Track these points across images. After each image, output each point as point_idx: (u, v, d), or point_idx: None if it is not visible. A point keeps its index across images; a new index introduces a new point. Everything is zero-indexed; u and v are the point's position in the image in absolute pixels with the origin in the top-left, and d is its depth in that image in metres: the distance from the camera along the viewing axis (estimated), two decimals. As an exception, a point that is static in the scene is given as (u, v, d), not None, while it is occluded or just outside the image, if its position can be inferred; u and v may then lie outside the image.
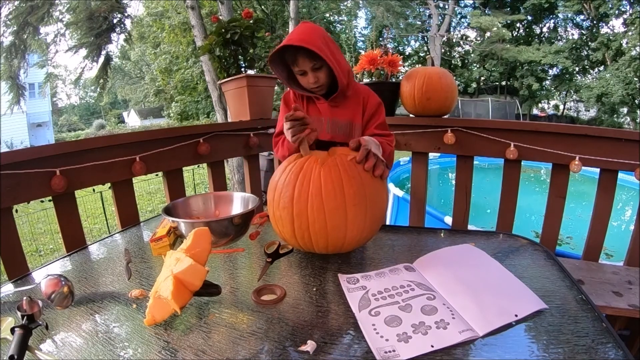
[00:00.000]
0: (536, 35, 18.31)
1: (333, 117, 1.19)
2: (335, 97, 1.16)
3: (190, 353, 0.60)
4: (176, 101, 19.71)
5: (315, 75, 1.10)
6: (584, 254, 1.65)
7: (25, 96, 7.11)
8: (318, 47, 1.02)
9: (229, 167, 5.08)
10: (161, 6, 13.32)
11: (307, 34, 1.04)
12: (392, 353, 0.57)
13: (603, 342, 0.59)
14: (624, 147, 1.48)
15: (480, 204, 4.78)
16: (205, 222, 0.92)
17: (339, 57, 1.09)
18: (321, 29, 1.10)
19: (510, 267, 0.83)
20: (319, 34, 1.06)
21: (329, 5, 16.73)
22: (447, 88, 1.73)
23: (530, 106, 18.09)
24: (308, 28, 1.08)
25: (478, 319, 0.64)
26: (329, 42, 1.08)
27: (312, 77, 1.10)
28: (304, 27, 1.08)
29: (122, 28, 5.86)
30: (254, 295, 0.76)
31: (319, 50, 1.01)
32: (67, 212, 1.37)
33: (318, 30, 1.08)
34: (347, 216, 0.82)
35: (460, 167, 1.82)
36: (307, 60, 1.07)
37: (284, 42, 1.05)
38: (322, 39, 1.05)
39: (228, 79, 1.93)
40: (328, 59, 1.03)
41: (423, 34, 18.08)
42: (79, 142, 1.37)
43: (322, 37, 1.06)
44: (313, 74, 1.10)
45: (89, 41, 5.57)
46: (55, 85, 25.04)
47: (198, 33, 5.05)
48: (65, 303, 0.73)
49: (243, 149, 1.89)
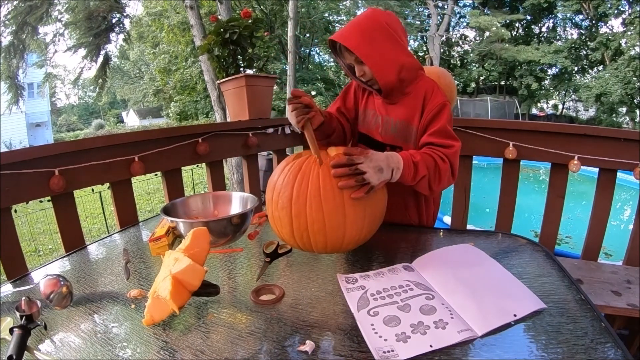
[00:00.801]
0: (535, 35, 18.34)
1: (386, 115, 1.11)
2: (389, 94, 1.07)
3: (189, 353, 0.60)
4: (175, 101, 19.70)
5: (361, 68, 1.04)
6: (583, 254, 1.65)
7: (24, 96, 7.11)
8: (354, 42, 0.97)
9: (227, 167, 5.07)
10: (160, 6, 13.32)
11: (350, 27, 1.00)
12: (391, 353, 0.57)
13: (602, 342, 0.59)
14: (623, 146, 1.49)
15: (480, 203, 4.79)
16: (204, 222, 0.91)
17: (386, 52, 0.99)
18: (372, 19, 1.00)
19: (509, 266, 0.83)
20: (362, 27, 0.99)
21: (328, 5, 16.73)
22: (446, 88, 1.72)
23: (529, 106, 18.10)
24: (359, 19, 1.01)
25: (477, 318, 0.64)
26: (376, 35, 0.98)
27: (358, 70, 1.05)
28: (358, 17, 1.03)
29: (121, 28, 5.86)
30: (253, 295, 0.76)
31: (353, 46, 0.97)
32: (66, 212, 1.36)
33: (367, 20, 1.00)
34: (346, 216, 0.82)
35: (460, 167, 1.82)
36: (348, 54, 1.03)
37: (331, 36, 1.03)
38: (364, 32, 0.98)
39: (227, 79, 1.92)
40: (363, 54, 0.97)
41: (422, 34, 18.07)
42: (78, 142, 1.37)
43: (365, 29, 0.98)
44: (358, 67, 1.05)
45: (88, 41, 5.56)
46: (54, 85, 25.01)
47: (197, 33, 5.04)
48: (64, 303, 0.73)
49: (242, 149, 1.89)
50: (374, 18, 1.00)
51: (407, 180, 0.90)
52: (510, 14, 16.83)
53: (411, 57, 1.04)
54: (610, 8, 14.67)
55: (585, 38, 16.38)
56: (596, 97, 14.55)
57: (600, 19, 15.73)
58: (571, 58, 15.86)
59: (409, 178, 0.90)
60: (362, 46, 0.97)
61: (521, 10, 16.87)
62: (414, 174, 0.90)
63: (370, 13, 1.02)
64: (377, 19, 1.00)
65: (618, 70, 13.71)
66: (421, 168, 0.91)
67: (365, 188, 0.81)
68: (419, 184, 0.93)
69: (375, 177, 0.81)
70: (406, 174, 0.89)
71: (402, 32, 1.03)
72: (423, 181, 0.93)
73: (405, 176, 0.89)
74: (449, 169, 0.96)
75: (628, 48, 13.83)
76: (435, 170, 0.94)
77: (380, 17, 1.00)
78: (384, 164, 0.83)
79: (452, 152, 0.98)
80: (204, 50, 1.97)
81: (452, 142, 0.99)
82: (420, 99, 1.05)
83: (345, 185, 0.80)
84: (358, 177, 0.80)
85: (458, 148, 0.99)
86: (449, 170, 0.96)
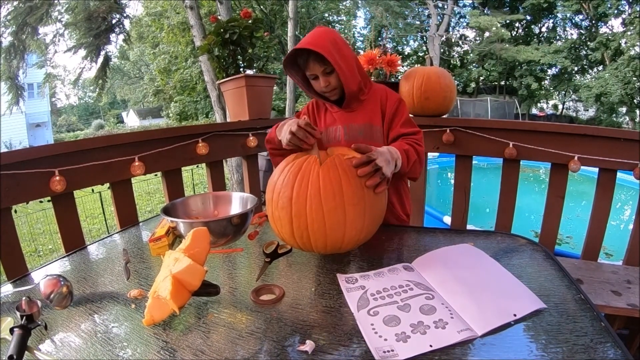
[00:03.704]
0: (535, 35, 18.33)
1: (349, 123, 1.16)
2: (349, 103, 1.14)
3: (189, 353, 0.60)
4: (175, 101, 19.71)
5: (326, 79, 1.09)
6: (583, 254, 1.65)
7: (24, 96, 7.11)
8: (326, 51, 1.01)
9: (227, 167, 5.07)
10: (160, 6, 13.30)
11: (317, 38, 1.04)
12: (391, 353, 0.57)
13: (602, 342, 0.59)
14: (622, 146, 1.49)
15: (479, 203, 4.79)
16: (204, 222, 0.91)
17: (350, 62, 1.07)
18: (334, 32, 1.09)
19: (509, 266, 0.83)
20: (329, 38, 1.05)
21: (328, 5, 16.73)
22: (446, 88, 1.74)
23: (529, 106, 18.10)
24: (319, 32, 1.07)
25: (477, 318, 0.64)
26: (341, 46, 1.06)
27: (323, 80, 1.09)
28: (315, 31, 1.08)
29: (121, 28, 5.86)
30: (253, 295, 0.76)
31: (327, 54, 1.01)
32: (66, 213, 1.37)
33: (329, 34, 1.07)
34: (346, 216, 0.82)
35: (459, 167, 1.82)
36: (318, 65, 1.07)
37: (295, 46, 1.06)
38: (332, 42, 1.04)
39: (227, 79, 1.92)
40: (335, 62, 1.03)
41: (422, 34, 18.08)
42: (78, 142, 1.37)
43: (332, 40, 1.04)
44: (324, 77, 1.09)
45: (88, 41, 5.57)
46: (54, 85, 24.97)
47: (197, 33, 5.04)
48: (64, 303, 0.73)
49: (242, 149, 1.89)
50: (330, 30, 1.08)
51: (404, 166, 0.97)
52: (510, 14, 16.82)
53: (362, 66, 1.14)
54: (610, 8, 14.67)
55: (585, 38, 16.38)
56: (596, 97, 14.54)
57: (600, 19, 15.73)
58: (571, 58, 15.86)
59: (405, 165, 0.98)
60: (334, 54, 1.03)
61: (521, 10, 16.86)
62: (407, 161, 0.99)
63: (324, 29, 1.09)
64: (333, 32, 1.09)
65: (618, 70, 13.70)
66: (411, 154, 1.01)
67: (385, 181, 0.86)
68: (412, 169, 1.03)
69: (388, 169, 0.86)
70: (403, 161, 0.96)
71: None
72: (415, 165, 1.03)
73: (404, 163, 0.97)
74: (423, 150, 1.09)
75: (628, 48, 13.83)
76: (418, 154, 1.04)
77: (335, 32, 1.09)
78: (389, 156, 0.89)
79: (420, 137, 1.10)
80: (204, 51, 1.97)
81: (418, 130, 1.12)
82: (377, 102, 1.15)
83: (373, 183, 0.84)
84: (378, 172, 0.85)
85: (422, 134, 1.12)
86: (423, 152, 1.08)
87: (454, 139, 1.71)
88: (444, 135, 1.71)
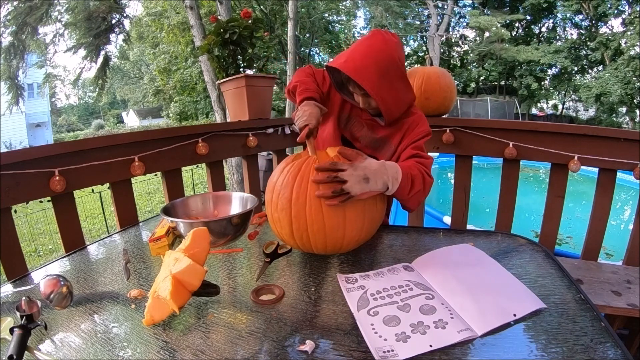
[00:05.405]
0: (535, 35, 18.35)
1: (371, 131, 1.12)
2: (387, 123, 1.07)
3: (189, 353, 0.60)
4: (175, 101, 19.71)
5: (367, 100, 1.03)
6: (583, 254, 1.65)
7: (24, 96, 7.12)
8: (368, 81, 0.93)
9: (227, 167, 5.08)
10: (160, 6, 13.31)
11: (364, 59, 0.93)
12: (391, 353, 0.57)
13: (602, 342, 0.59)
14: (622, 146, 1.49)
15: (479, 203, 4.79)
16: (204, 222, 0.91)
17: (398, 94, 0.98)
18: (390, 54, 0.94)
19: (509, 266, 0.83)
20: (377, 61, 0.93)
21: (328, 5, 16.73)
22: (446, 88, 1.74)
23: (529, 106, 18.11)
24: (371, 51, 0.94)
25: (477, 318, 0.64)
26: (392, 75, 0.95)
27: (362, 101, 1.04)
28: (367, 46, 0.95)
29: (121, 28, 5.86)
30: (253, 295, 0.76)
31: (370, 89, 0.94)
32: (66, 213, 1.36)
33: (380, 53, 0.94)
34: (346, 217, 0.82)
35: (459, 167, 1.82)
36: (358, 87, 0.99)
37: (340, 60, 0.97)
38: (379, 67, 0.93)
39: (227, 79, 1.92)
40: (379, 97, 0.95)
41: (422, 34, 18.08)
42: (78, 142, 1.37)
43: (380, 64, 0.93)
44: (364, 99, 1.03)
45: (88, 41, 5.57)
46: (54, 85, 25.02)
47: (197, 33, 5.05)
48: (64, 303, 0.72)
49: (242, 149, 1.89)
50: (389, 53, 0.94)
51: (403, 193, 0.87)
52: (510, 14, 16.83)
53: (413, 93, 1.06)
54: (610, 8, 14.68)
55: (585, 38, 16.38)
56: (596, 97, 14.55)
57: (600, 19, 15.74)
58: (571, 58, 15.88)
59: (405, 192, 0.86)
60: (378, 88, 0.94)
61: (521, 10, 16.87)
62: (410, 188, 0.88)
63: (384, 45, 0.95)
64: (391, 55, 0.95)
65: (618, 70, 13.71)
66: (417, 182, 0.89)
67: (341, 197, 0.79)
68: (412, 199, 0.91)
69: (357, 187, 0.79)
70: (403, 186, 0.86)
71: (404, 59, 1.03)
72: (417, 196, 0.91)
73: (402, 189, 0.85)
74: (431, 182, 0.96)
75: (628, 48, 13.84)
76: (424, 184, 0.93)
77: (394, 51, 0.95)
78: (373, 174, 0.80)
79: (429, 165, 0.98)
80: (204, 51, 1.97)
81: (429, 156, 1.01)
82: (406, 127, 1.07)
83: (321, 195, 0.79)
84: (337, 185, 0.79)
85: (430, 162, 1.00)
86: (431, 183, 0.95)
87: (454, 139, 1.71)
88: (444, 135, 1.71)
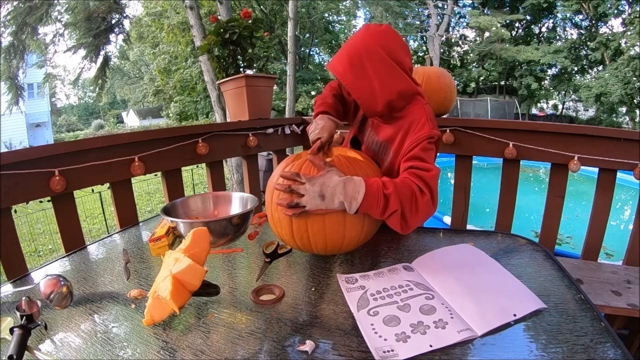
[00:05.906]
0: (535, 35, 18.34)
1: (375, 133, 1.10)
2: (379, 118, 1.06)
3: (189, 353, 0.60)
4: (175, 101, 19.70)
5: None
6: (583, 254, 1.65)
7: (24, 96, 7.12)
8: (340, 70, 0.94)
9: (227, 167, 5.08)
10: (160, 6, 13.32)
11: (340, 51, 0.96)
12: (391, 353, 0.57)
13: (602, 342, 0.59)
14: (622, 146, 1.49)
15: (479, 203, 4.79)
16: (204, 222, 0.91)
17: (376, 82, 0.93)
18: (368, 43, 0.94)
19: (509, 266, 0.83)
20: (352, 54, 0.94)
21: (328, 5, 16.75)
22: (446, 88, 1.74)
23: (529, 106, 18.10)
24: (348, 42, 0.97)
25: (477, 318, 0.64)
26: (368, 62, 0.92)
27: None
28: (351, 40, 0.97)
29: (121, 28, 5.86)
30: (253, 295, 0.76)
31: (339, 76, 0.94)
32: (66, 213, 1.36)
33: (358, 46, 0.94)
34: (346, 217, 0.82)
35: (459, 167, 1.82)
36: None
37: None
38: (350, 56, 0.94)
39: (227, 79, 1.92)
40: (348, 83, 0.94)
41: (422, 34, 18.07)
42: (78, 142, 1.37)
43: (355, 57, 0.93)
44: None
45: (88, 41, 5.57)
46: (54, 85, 25.03)
47: (197, 33, 5.05)
48: (64, 303, 0.73)
49: (242, 149, 1.89)
50: (367, 42, 0.94)
51: (375, 214, 0.81)
52: (510, 14, 16.83)
53: (406, 82, 0.97)
54: (610, 8, 14.68)
55: (585, 38, 16.38)
56: (596, 97, 14.55)
57: (600, 19, 15.73)
58: (571, 58, 15.87)
59: (374, 212, 0.80)
60: (349, 77, 0.94)
61: (521, 10, 16.87)
62: (384, 209, 0.80)
63: (364, 35, 0.95)
64: (369, 44, 0.93)
65: (618, 70, 13.70)
66: (393, 203, 0.79)
67: (296, 210, 0.80)
68: (390, 219, 0.82)
69: (312, 202, 0.78)
70: (369, 206, 0.79)
71: (400, 48, 0.96)
72: (394, 216, 0.81)
73: (369, 209, 0.79)
74: (429, 201, 0.83)
75: (628, 48, 13.83)
76: (412, 203, 0.81)
77: (374, 40, 0.94)
78: (330, 192, 0.78)
79: (431, 177, 0.86)
80: (204, 51, 1.97)
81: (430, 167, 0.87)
82: (408, 126, 0.98)
83: (279, 204, 0.82)
84: (294, 197, 0.80)
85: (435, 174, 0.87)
86: (428, 202, 0.83)
87: (454, 139, 1.71)
88: (444, 135, 1.71)
